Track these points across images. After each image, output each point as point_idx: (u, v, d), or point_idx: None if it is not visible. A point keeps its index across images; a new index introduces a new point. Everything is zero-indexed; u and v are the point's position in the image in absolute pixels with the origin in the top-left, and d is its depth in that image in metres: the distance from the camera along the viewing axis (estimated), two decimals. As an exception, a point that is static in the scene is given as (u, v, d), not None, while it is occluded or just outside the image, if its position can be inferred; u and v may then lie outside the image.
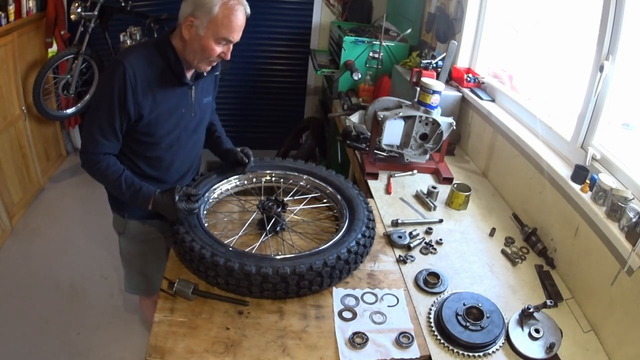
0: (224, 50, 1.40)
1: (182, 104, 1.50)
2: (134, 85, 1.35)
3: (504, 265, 1.54)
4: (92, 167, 1.44)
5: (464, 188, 1.83)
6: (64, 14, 3.32)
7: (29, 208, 3.21)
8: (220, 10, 1.32)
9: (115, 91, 1.34)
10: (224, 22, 1.33)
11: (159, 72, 1.41)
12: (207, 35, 1.35)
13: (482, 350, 1.18)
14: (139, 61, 1.37)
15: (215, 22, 1.33)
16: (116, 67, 1.34)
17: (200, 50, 1.38)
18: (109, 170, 1.43)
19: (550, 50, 2.05)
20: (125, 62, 1.34)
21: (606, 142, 1.54)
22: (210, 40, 1.36)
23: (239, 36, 1.40)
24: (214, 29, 1.34)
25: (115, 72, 1.34)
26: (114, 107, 1.36)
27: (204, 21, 1.33)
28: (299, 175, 1.76)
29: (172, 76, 1.44)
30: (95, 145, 1.41)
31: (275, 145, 4.00)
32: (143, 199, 1.44)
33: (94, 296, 2.53)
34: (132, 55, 1.38)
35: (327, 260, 1.29)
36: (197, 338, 1.15)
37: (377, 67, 2.89)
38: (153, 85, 1.40)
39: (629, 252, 1.19)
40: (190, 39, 1.37)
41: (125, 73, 1.33)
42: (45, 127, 3.49)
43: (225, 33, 1.35)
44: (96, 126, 1.39)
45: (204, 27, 1.34)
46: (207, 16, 1.32)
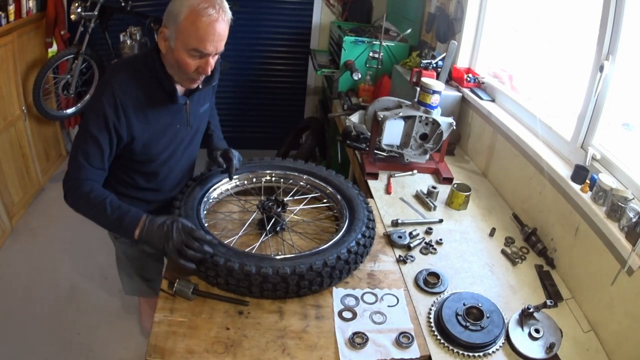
0: (201, 64, 1.24)
1: (176, 120, 1.41)
2: (124, 107, 1.26)
3: (504, 265, 1.54)
4: (74, 193, 1.30)
5: (464, 188, 1.83)
6: (64, 14, 3.32)
7: (29, 208, 3.21)
8: (186, 16, 1.17)
9: (103, 114, 1.25)
10: (190, 30, 1.18)
11: (150, 90, 1.31)
12: (178, 47, 1.21)
13: (482, 350, 1.18)
14: (129, 81, 1.28)
15: (182, 31, 1.18)
16: (105, 88, 1.26)
17: (175, 64, 1.25)
18: (92, 194, 1.29)
19: (550, 50, 2.05)
20: (113, 83, 1.25)
21: (606, 142, 1.54)
22: (181, 52, 1.21)
23: (215, 46, 1.22)
24: (182, 38, 1.19)
25: (104, 94, 1.25)
26: (102, 130, 1.27)
27: (172, 31, 1.20)
28: (299, 175, 1.76)
29: (163, 94, 1.34)
30: (78, 170, 1.30)
31: (275, 145, 4.00)
32: (129, 223, 1.26)
33: (94, 296, 2.53)
34: (121, 74, 1.28)
35: (327, 260, 1.29)
36: (197, 338, 1.15)
37: (377, 67, 2.89)
38: (144, 106, 1.31)
39: (629, 252, 1.19)
40: (166, 53, 1.26)
41: (115, 94, 1.24)
42: (45, 127, 3.49)
43: (194, 43, 1.19)
44: (81, 151, 1.29)
45: (173, 39, 1.21)
46: (175, 25, 1.19)
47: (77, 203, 1.32)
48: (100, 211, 1.28)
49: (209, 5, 1.18)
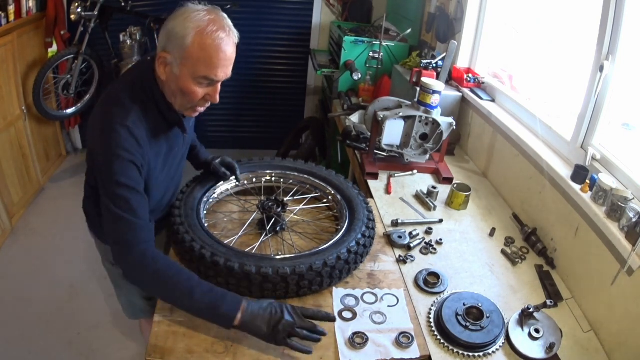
0: (209, 92, 1.16)
1: (175, 144, 1.35)
2: (143, 146, 1.16)
3: (504, 265, 1.54)
4: (140, 268, 1.11)
5: (464, 188, 1.83)
6: (64, 14, 3.32)
7: (29, 208, 3.21)
8: (194, 40, 1.06)
9: (131, 160, 1.12)
10: (200, 56, 1.07)
11: (155, 122, 1.22)
12: (184, 74, 1.10)
13: (482, 350, 1.18)
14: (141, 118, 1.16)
15: (190, 57, 1.07)
16: (121, 132, 1.11)
17: (179, 93, 1.15)
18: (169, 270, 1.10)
19: (550, 50, 2.05)
20: (129, 124, 1.12)
21: (606, 142, 1.54)
22: (188, 80, 1.11)
23: (225, 72, 1.13)
24: (190, 65, 1.09)
25: (125, 139, 1.11)
26: (136, 177, 1.15)
27: (177, 57, 1.09)
28: (299, 175, 1.76)
29: (164, 123, 1.25)
30: (132, 233, 1.11)
31: (275, 145, 4.01)
32: (228, 311, 1.08)
33: (94, 296, 2.53)
34: (130, 115, 1.14)
35: (327, 260, 1.29)
36: (197, 338, 1.15)
37: (377, 67, 2.89)
38: (153, 138, 1.22)
39: (629, 252, 1.19)
40: (167, 80, 1.14)
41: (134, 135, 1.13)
42: (45, 127, 3.49)
43: (204, 70, 1.09)
44: (124, 210, 1.11)
45: (178, 65, 1.10)
46: (180, 50, 1.07)
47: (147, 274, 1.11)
48: (184, 295, 1.09)
49: (218, 27, 1.08)
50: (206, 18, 1.08)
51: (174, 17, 1.11)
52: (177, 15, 1.11)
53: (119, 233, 1.12)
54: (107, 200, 1.13)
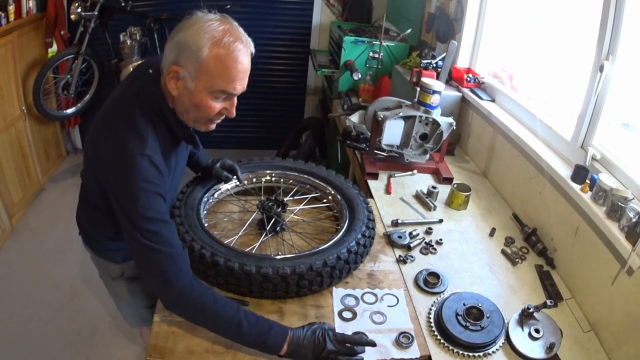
0: (226, 105, 1.10)
1: (181, 158, 1.33)
2: (162, 171, 1.10)
3: (504, 265, 1.54)
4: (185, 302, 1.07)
5: (464, 188, 1.83)
6: (64, 14, 3.32)
7: (29, 208, 3.21)
8: (211, 53, 1.00)
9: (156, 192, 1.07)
10: (218, 69, 1.01)
11: (165, 141, 1.16)
12: (199, 88, 1.04)
13: (482, 350, 1.18)
14: (155, 144, 1.10)
15: (206, 70, 1.01)
16: (141, 161, 1.04)
17: (193, 108, 1.08)
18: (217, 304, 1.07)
19: (550, 50, 2.05)
20: (148, 153, 1.06)
21: (606, 142, 1.54)
22: (204, 95, 1.05)
23: (242, 85, 1.08)
24: (206, 79, 1.03)
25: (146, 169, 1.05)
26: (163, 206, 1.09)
27: (191, 71, 1.02)
28: (299, 175, 1.76)
29: (174, 141, 1.21)
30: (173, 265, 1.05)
31: (275, 145, 4.00)
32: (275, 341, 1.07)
33: (94, 296, 2.53)
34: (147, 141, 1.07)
35: (327, 260, 1.29)
36: (197, 338, 1.15)
37: (377, 67, 2.89)
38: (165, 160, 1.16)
39: (629, 252, 1.19)
40: (179, 95, 1.07)
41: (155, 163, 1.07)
42: (45, 127, 3.49)
43: (222, 84, 1.03)
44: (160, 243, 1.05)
45: (192, 79, 1.03)
46: (194, 63, 1.01)
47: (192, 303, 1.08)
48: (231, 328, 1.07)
49: (235, 38, 1.03)
50: (221, 28, 1.03)
51: (183, 27, 1.03)
52: (187, 26, 1.03)
53: (156, 266, 1.06)
54: (136, 234, 1.05)
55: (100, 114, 1.15)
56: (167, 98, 1.12)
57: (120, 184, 1.05)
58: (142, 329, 1.84)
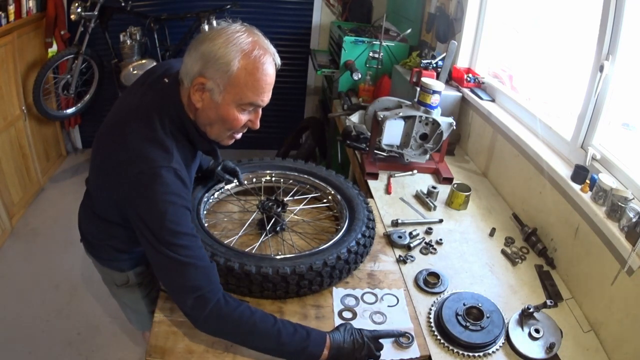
0: (252, 117, 1.08)
1: (195, 167, 1.29)
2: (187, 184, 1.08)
3: (504, 265, 1.54)
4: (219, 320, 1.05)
5: (464, 188, 1.83)
6: (64, 14, 3.32)
7: (29, 208, 3.21)
8: (241, 65, 0.99)
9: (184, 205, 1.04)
10: (248, 81, 1.00)
11: (186, 153, 1.14)
12: (227, 101, 1.02)
13: (482, 350, 1.18)
14: (177, 154, 1.07)
15: (236, 83, 1.00)
16: (167, 174, 1.01)
17: (219, 121, 1.06)
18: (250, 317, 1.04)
19: (550, 50, 2.05)
20: (174, 165, 1.03)
21: (606, 142, 1.54)
22: (231, 107, 1.03)
23: (269, 97, 1.07)
24: (236, 92, 1.01)
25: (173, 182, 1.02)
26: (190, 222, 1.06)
27: (219, 83, 1.00)
28: (299, 175, 1.76)
29: (194, 151, 1.19)
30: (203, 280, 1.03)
31: (275, 145, 4.00)
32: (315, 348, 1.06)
33: (94, 296, 2.53)
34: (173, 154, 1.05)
35: (327, 260, 1.29)
36: (197, 338, 1.15)
37: (377, 67, 2.89)
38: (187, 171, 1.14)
39: (629, 252, 1.19)
40: (204, 107, 1.05)
41: (181, 176, 1.04)
42: (45, 127, 3.49)
43: (250, 96, 1.02)
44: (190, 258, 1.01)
45: (220, 91, 1.01)
46: (224, 76, 0.99)
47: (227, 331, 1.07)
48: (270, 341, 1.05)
49: (264, 52, 1.02)
50: (249, 40, 1.01)
51: (208, 38, 1.01)
52: (213, 37, 1.01)
53: (189, 281, 1.02)
54: (164, 249, 1.01)
55: (113, 124, 1.10)
56: (188, 109, 1.09)
57: (146, 200, 1.01)
58: (144, 332, 1.83)
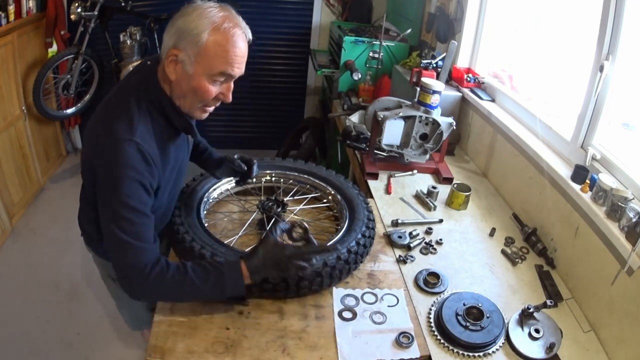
0: (223, 90, 1.12)
1: (182, 152, 1.31)
2: (154, 160, 1.10)
3: (504, 265, 1.54)
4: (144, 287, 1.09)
5: (464, 188, 1.83)
6: (64, 14, 3.32)
7: (29, 208, 3.21)
8: (211, 37, 1.04)
9: (140, 181, 1.07)
10: (218, 52, 1.05)
11: (162, 131, 1.16)
12: (198, 72, 1.07)
13: (482, 350, 1.18)
14: (147, 132, 1.10)
15: (206, 54, 1.05)
16: (128, 147, 1.05)
17: (190, 92, 1.10)
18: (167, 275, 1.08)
19: (550, 50, 2.05)
20: (137, 139, 1.06)
21: (606, 142, 1.54)
22: (202, 78, 1.07)
23: (240, 69, 1.11)
24: (206, 62, 1.05)
25: (132, 155, 1.05)
26: (144, 198, 1.09)
27: (191, 54, 1.05)
28: (299, 175, 1.76)
29: (172, 130, 1.20)
30: (137, 256, 1.07)
31: (275, 145, 4.00)
32: (233, 279, 1.11)
33: (94, 296, 2.53)
34: (138, 128, 1.08)
35: (327, 260, 1.29)
36: (197, 338, 1.15)
37: (377, 67, 2.89)
38: (160, 149, 1.16)
39: (629, 252, 1.19)
40: (177, 79, 1.09)
41: (142, 151, 1.07)
42: (45, 127, 3.49)
43: (221, 66, 1.06)
44: (128, 234, 1.06)
45: (192, 62, 1.06)
46: (194, 47, 1.04)
47: (154, 291, 1.12)
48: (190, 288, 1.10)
49: (234, 25, 1.07)
50: (220, 14, 1.06)
51: (183, 14, 1.07)
52: (187, 12, 1.07)
53: (123, 259, 1.08)
54: (110, 222, 1.06)
55: (99, 106, 1.17)
56: (165, 86, 1.14)
57: (106, 169, 1.06)
58: (144, 332, 1.83)
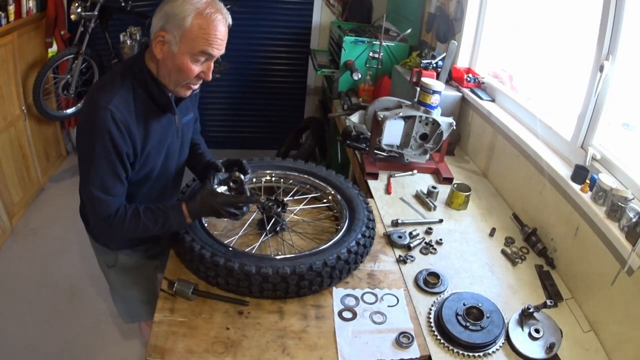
0: (204, 69, 1.23)
1: (168, 133, 1.37)
2: (128, 129, 1.20)
3: (504, 265, 1.54)
4: (110, 231, 1.28)
5: (464, 188, 1.83)
6: (64, 14, 3.32)
7: (29, 208, 3.21)
8: (194, 20, 1.15)
9: (110, 143, 1.18)
10: (199, 34, 1.16)
11: (144, 106, 1.26)
12: (182, 51, 1.18)
13: (482, 350, 1.18)
14: (124, 101, 1.21)
15: (189, 36, 1.16)
16: (101, 113, 1.16)
17: (175, 70, 1.21)
18: (126, 221, 1.26)
19: (550, 50, 2.05)
20: (111, 107, 1.17)
21: (606, 142, 1.54)
22: (185, 57, 1.19)
23: (220, 50, 1.22)
24: (189, 43, 1.17)
25: (104, 121, 1.16)
26: (114, 160, 1.21)
27: (176, 35, 1.17)
28: (299, 175, 1.76)
29: (156, 108, 1.29)
30: (103, 207, 1.24)
31: (275, 145, 4.00)
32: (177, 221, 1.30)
33: (94, 296, 2.53)
34: (114, 97, 1.19)
35: (327, 260, 1.29)
36: (197, 338, 1.15)
37: (377, 67, 2.89)
38: (140, 123, 1.25)
39: (629, 252, 1.19)
40: (163, 58, 1.21)
41: (115, 119, 1.17)
42: (45, 127, 3.49)
43: (202, 46, 1.18)
44: (97, 188, 1.22)
45: (177, 42, 1.17)
46: (179, 29, 1.16)
47: (116, 234, 1.35)
48: (143, 229, 1.29)
49: (216, 10, 1.18)
50: (204, 1, 1.18)
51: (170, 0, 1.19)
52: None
53: (93, 210, 1.27)
54: (83, 179, 1.24)
55: None
56: (151, 65, 1.26)
57: (82, 134, 1.23)
58: (142, 325, 1.86)
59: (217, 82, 3.71)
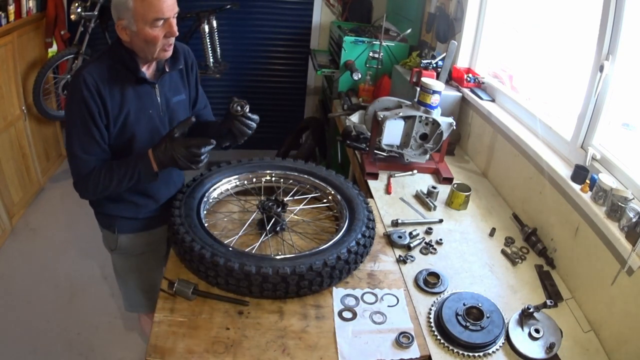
0: (167, 29, 1.35)
1: (148, 105, 1.46)
2: (98, 90, 1.33)
3: (504, 265, 1.54)
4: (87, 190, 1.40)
5: (464, 188, 1.83)
6: (64, 14, 3.32)
7: (29, 208, 3.21)
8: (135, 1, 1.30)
9: (82, 103, 1.32)
10: (144, 6, 1.29)
11: (117, 73, 1.39)
12: (140, 27, 1.32)
13: (482, 350, 1.18)
14: (97, 68, 1.36)
15: (137, 12, 1.30)
16: (76, 79, 1.33)
17: (144, 43, 1.35)
18: (100, 178, 1.38)
19: (550, 50, 2.05)
20: (84, 72, 1.33)
21: (606, 142, 1.54)
22: (145, 29, 1.32)
23: (170, 10, 1.34)
24: (141, 18, 1.30)
25: (78, 85, 1.32)
26: (87, 119, 1.34)
27: (129, 17, 1.31)
28: (299, 175, 1.76)
29: (129, 74, 1.41)
30: (82, 165, 1.38)
31: (275, 145, 4.00)
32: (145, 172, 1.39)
33: (94, 296, 2.53)
34: (89, 65, 1.37)
35: (327, 260, 1.29)
36: (197, 338, 1.15)
37: (377, 67, 2.89)
38: (114, 87, 1.38)
39: (629, 252, 1.19)
40: (131, 39, 1.35)
41: (86, 81, 1.32)
42: (45, 127, 3.49)
43: (152, 14, 1.30)
44: (76, 146, 1.37)
45: (132, 22, 1.32)
46: (128, 12, 1.30)
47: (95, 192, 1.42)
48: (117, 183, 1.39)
49: None
50: None
51: None
52: None
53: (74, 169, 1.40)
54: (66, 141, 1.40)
55: None
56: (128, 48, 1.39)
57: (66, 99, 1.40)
58: (142, 318, 1.89)
59: (217, 82, 3.71)
